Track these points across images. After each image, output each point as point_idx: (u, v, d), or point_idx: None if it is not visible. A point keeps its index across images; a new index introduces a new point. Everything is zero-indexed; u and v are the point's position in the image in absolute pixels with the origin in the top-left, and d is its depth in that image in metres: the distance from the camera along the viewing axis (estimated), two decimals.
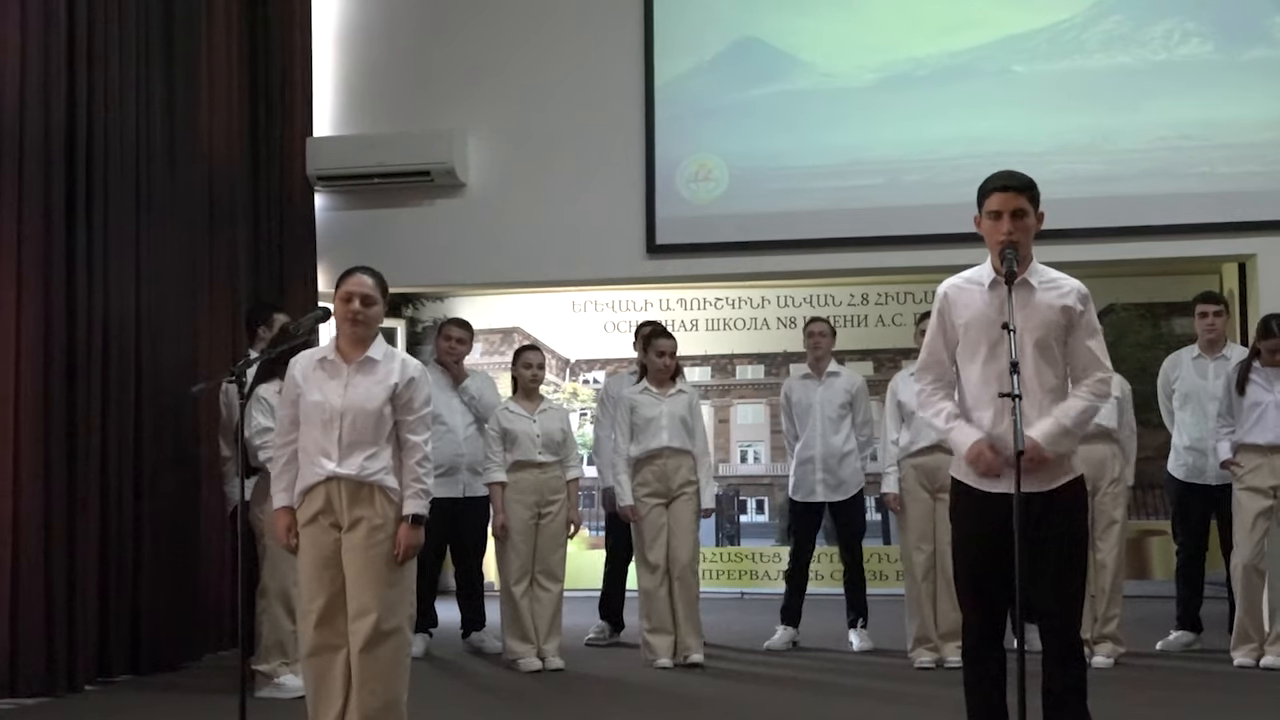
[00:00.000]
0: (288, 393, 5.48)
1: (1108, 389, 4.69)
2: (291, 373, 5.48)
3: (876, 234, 9.36)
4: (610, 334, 11.66)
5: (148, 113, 8.22)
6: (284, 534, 5.43)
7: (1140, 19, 9.39)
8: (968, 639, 4.73)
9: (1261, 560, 7.79)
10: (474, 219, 9.92)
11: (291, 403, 5.44)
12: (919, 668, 7.75)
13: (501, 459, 7.98)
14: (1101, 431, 7.66)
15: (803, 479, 8.70)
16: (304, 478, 5.37)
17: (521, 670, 7.84)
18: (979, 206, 4.72)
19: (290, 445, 5.43)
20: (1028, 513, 4.34)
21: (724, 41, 9.78)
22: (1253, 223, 8.89)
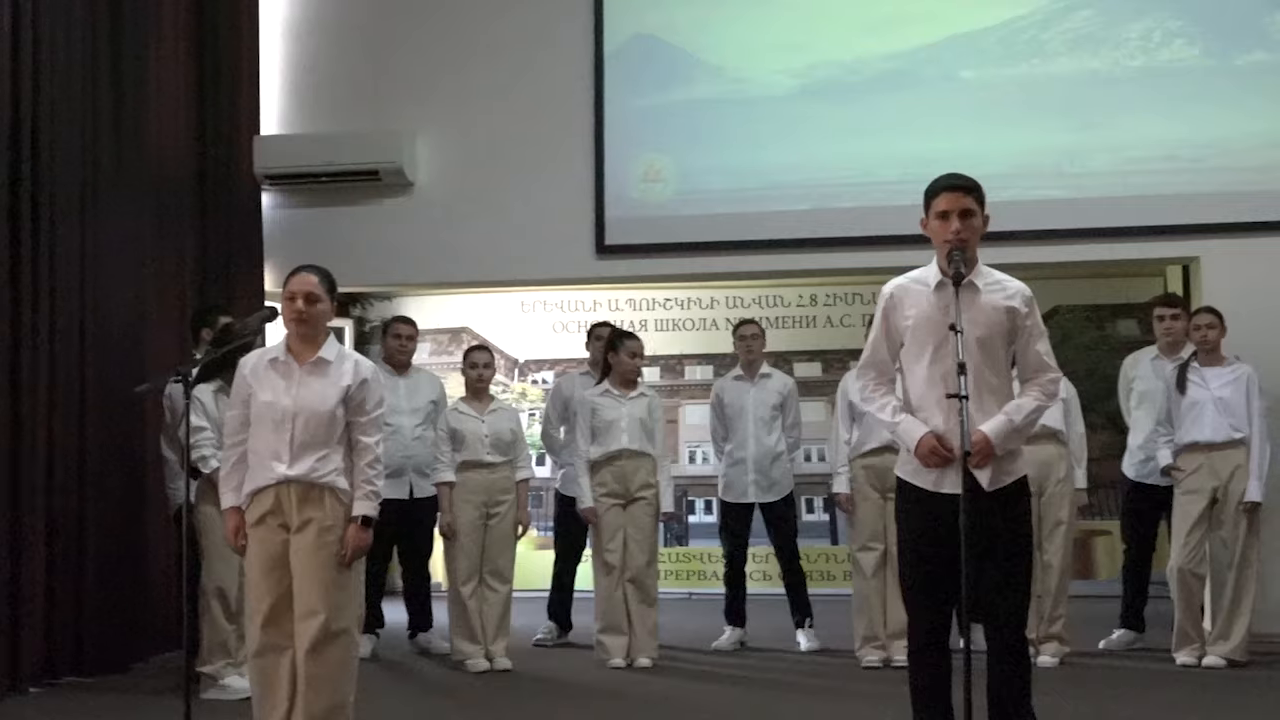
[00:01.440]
0: (238, 392, 5.45)
1: (1057, 389, 4.74)
2: (242, 372, 5.46)
3: (825, 235, 9.39)
4: (560, 334, 11.66)
5: (94, 111, 8.17)
6: (233, 535, 5.41)
7: (1113, 17, 9.32)
8: (914, 638, 4.76)
9: (1199, 564, 7.86)
10: (423, 219, 9.90)
11: (242, 403, 5.41)
12: (866, 667, 7.78)
13: (450, 459, 7.97)
14: (1048, 433, 7.73)
15: (734, 480, 8.71)
16: (254, 479, 5.34)
17: (469, 671, 7.82)
18: (926, 207, 4.75)
19: (240, 445, 5.41)
20: (973, 513, 4.37)
21: (621, 39, 9.78)
22: (1197, 225, 8.98)
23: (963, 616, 4.43)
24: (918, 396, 4.70)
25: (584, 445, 8.11)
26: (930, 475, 4.65)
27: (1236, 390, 7.85)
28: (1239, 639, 7.81)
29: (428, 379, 8.89)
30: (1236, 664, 7.75)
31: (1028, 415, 4.61)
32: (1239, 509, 7.79)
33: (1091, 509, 9.32)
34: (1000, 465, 4.62)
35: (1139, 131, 9.10)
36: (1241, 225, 8.91)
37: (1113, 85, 9.17)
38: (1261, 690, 7.22)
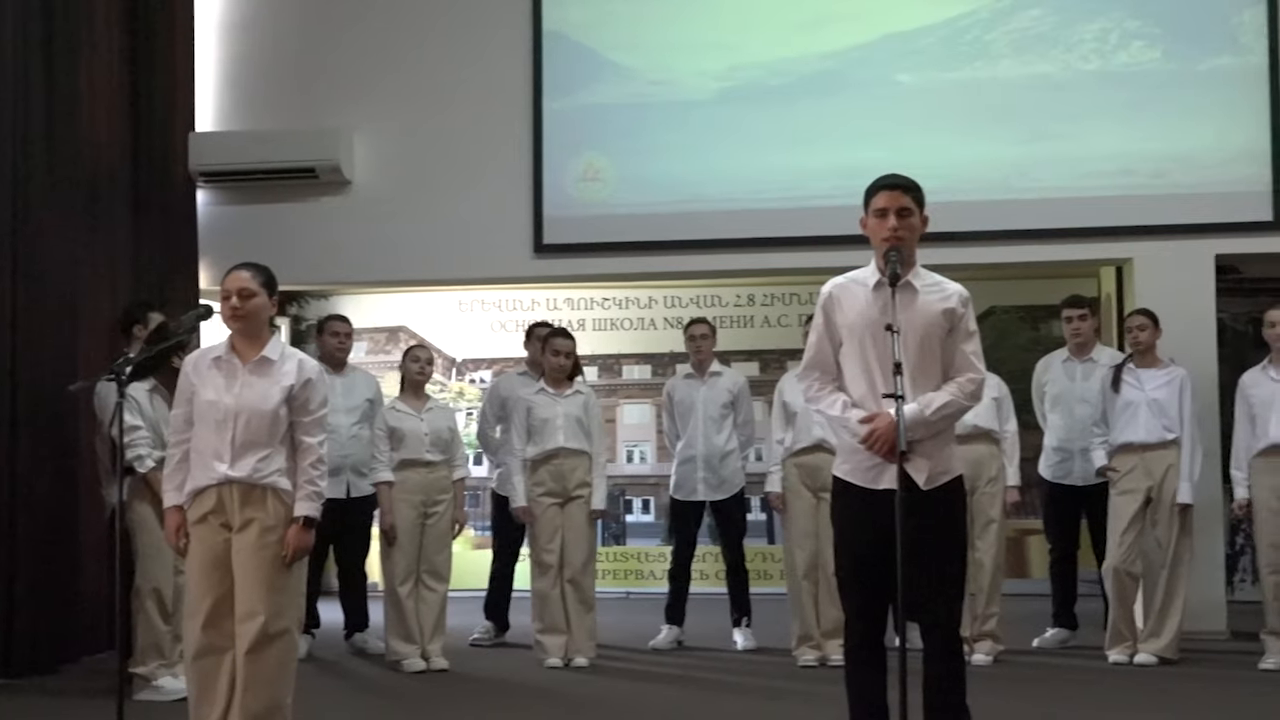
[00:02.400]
0: (182, 391, 5.42)
1: (976, 390, 4.73)
2: (185, 370, 5.42)
3: (763, 235, 9.41)
4: (497, 333, 11.63)
5: (26, 108, 8.08)
6: (173, 534, 5.37)
7: (1066, 16, 9.31)
8: (850, 637, 4.77)
9: (1134, 564, 7.94)
10: (360, 217, 9.84)
11: (186, 401, 5.38)
12: (802, 666, 7.81)
13: (388, 458, 7.94)
14: (980, 432, 7.80)
15: (684, 478, 8.73)
16: (195, 479, 5.31)
17: (406, 671, 7.80)
18: (865, 206, 4.77)
19: (183, 444, 5.37)
20: (909, 511, 4.39)
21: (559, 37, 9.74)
22: (1130, 227, 9.06)
23: (898, 615, 4.45)
24: (856, 396, 4.71)
25: (519, 444, 8.09)
26: (867, 473, 4.66)
27: (1170, 392, 7.95)
28: (1170, 637, 7.90)
29: (364, 378, 8.86)
30: (1168, 661, 7.85)
31: (937, 409, 4.61)
32: (1172, 509, 7.88)
33: (1025, 507, 9.39)
34: (936, 464, 4.64)
35: (1083, 139, 9.14)
36: (1173, 227, 8.99)
37: (1061, 91, 9.22)
38: (1191, 687, 7.32)
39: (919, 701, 4.54)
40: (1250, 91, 9.00)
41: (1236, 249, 9.14)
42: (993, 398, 7.84)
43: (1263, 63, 8.98)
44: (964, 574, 4.84)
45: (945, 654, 4.64)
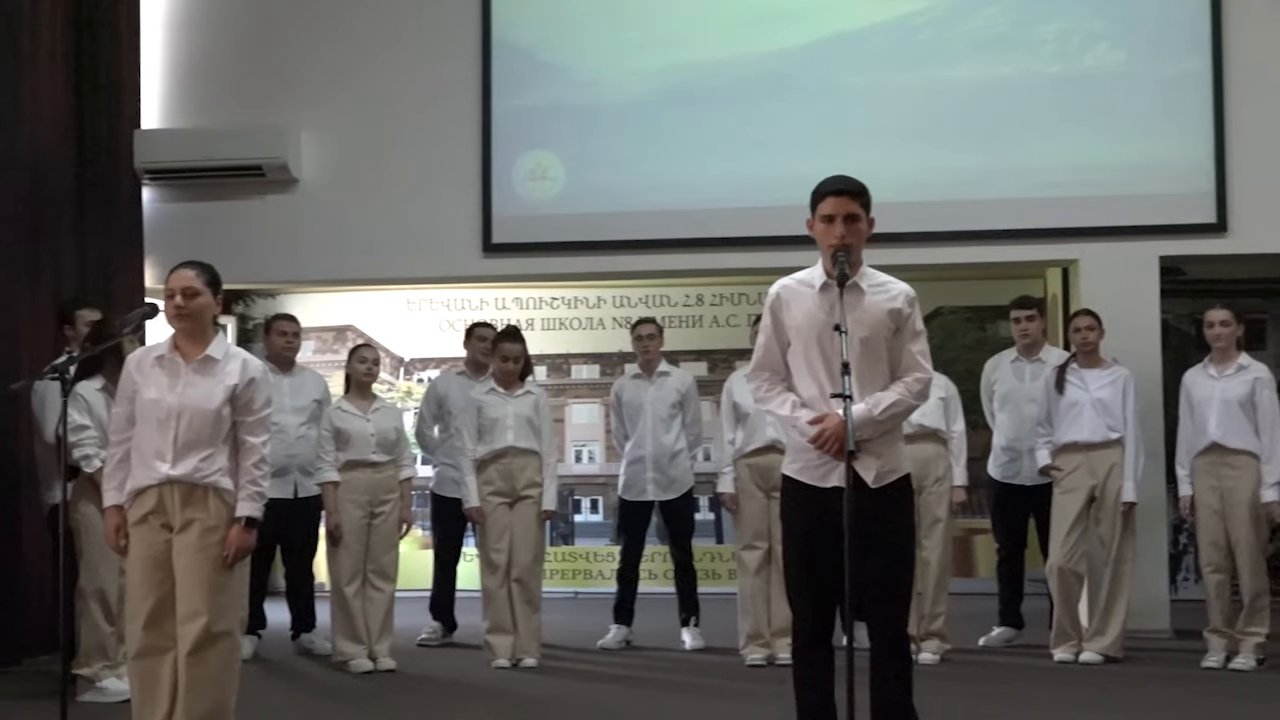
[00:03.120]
0: (124, 389, 5.38)
1: (923, 389, 4.75)
2: (128, 369, 5.39)
3: (712, 235, 9.43)
4: (446, 332, 11.59)
5: None
6: (113, 534, 5.33)
7: (1016, 20, 9.33)
8: (797, 636, 4.78)
9: (1078, 562, 8.01)
10: (308, 215, 9.80)
11: (127, 400, 5.34)
12: (750, 665, 7.83)
13: (333, 458, 7.91)
14: (927, 431, 7.84)
15: (633, 478, 8.73)
16: (136, 478, 5.27)
17: (353, 671, 7.76)
18: (812, 209, 4.78)
19: (124, 443, 5.33)
20: (857, 510, 4.40)
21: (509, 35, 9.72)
22: (1075, 229, 9.12)
23: (846, 614, 4.46)
24: (805, 396, 4.72)
25: (470, 444, 8.07)
26: (816, 472, 4.68)
27: (1114, 392, 8.02)
28: (1115, 635, 7.97)
29: (312, 378, 8.82)
30: (1112, 660, 7.91)
31: (885, 408, 4.63)
32: (1116, 507, 7.95)
33: (972, 507, 9.44)
34: (884, 463, 4.66)
35: (1029, 143, 9.20)
36: (1118, 229, 9.07)
37: (1007, 95, 9.25)
38: (1135, 685, 7.38)
39: (866, 700, 4.55)
40: (1194, 96, 9.07)
41: (1180, 251, 9.22)
42: (940, 398, 7.89)
43: (1207, 68, 9.06)
44: (911, 573, 4.87)
45: (892, 653, 4.66)
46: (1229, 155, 9.01)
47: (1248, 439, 7.72)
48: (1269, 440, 7.69)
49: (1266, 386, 7.78)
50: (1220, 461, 7.75)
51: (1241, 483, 7.70)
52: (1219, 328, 7.82)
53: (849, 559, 4.35)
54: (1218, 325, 7.82)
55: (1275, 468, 7.66)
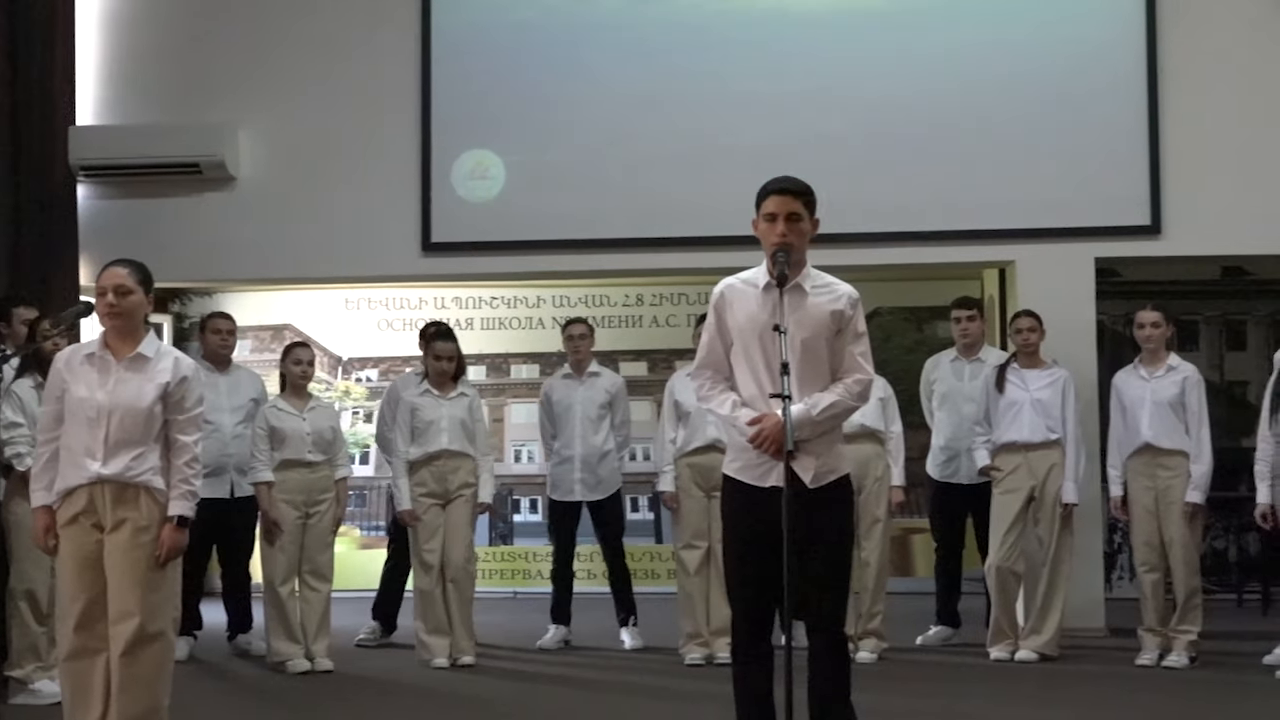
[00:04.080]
0: (52, 388, 5.33)
1: (864, 391, 4.76)
2: (57, 367, 5.34)
3: (652, 235, 9.43)
4: (384, 332, 11.54)
5: None
6: (42, 535, 5.28)
7: (951, 23, 9.34)
8: (736, 635, 4.79)
9: (1017, 562, 8.06)
10: (245, 214, 9.72)
11: (56, 399, 5.29)
12: (689, 664, 7.83)
13: (268, 458, 7.86)
14: (866, 431, 7.88)
15: (561, 478, 8.71)
16: (66, 477, 5.22)
17: (289, 672, 7.72)
18: (756, 209, 4.78)
19: (52, 443, 5.28)
20: (796, 510, 4.41)
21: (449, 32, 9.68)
22: (1013, 230, 9.19)
23: (785, 613, 4.47)
24: (746, 396, 4.73)
25: (403, 446, 8.05)
26: (755, 471, 4.68)
27: (1054, 392, 8.08)
28: (1051, 634, 8.03)
29: (249, 376, 8.76)
30: (1048, 658, 7.97)
31: (824, 409, 4.64)
32: (1054, 507, 8.01)
33: (910, 507, 9.49)
34: (823, 463, 4.67)
35: (967, 144, 9.25)
36: (1054, 230, 9.14)
37: (946, 97, 9.29)
38: (1070, 683, 7.44)
39: (804, 699, 4.57)
40: (1129, 101, 9.16)
41: (1115, 252, 9.32)
42: (879, 398, 7.92)
43: (1141, 73, 9.15)
44: (849, 572, 4.88)
45: (830, 652, 4.67)
46: (1163, 159, 9.10)
47: (1180, 439, 7.80)
48: (1196, 441, 7.78)
49: (1195, 387, 7.86)
50: (1153, 462, 7.83)
51: (1175, 483, 7.77)
52: (1150, 329, 7.90)
53: (788, 558, 4.37)
54: (1148, 327, 7.90)
55: (1201, 468, 7.75)
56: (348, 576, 9.45)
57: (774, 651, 4.70)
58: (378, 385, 11.35)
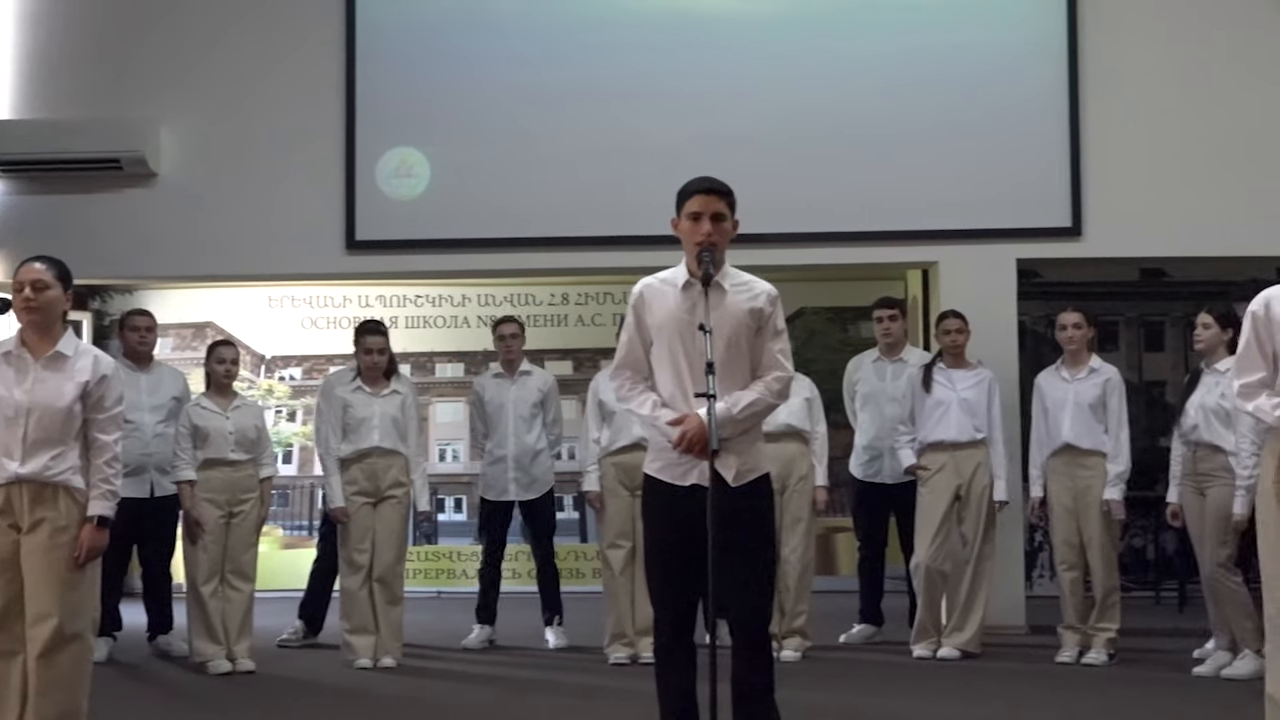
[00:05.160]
0: None
1: (783, 388, 4.78)
2: None
3: (578, 234, 9.43)
4: (308, 330, 11.47)
5: None
6: None
7: (875, 24, 9.37)
8: (660, 634, 4.79)
9: (944, 561, 8.12)
10: (167, 210, 9.62)
11: None
12: (614, 663, 7.83)
13: (191, 456, 7.78)
14: (790, 431, 7.91)
15: (495, 478, 8.70)
16: None
17: (211, 673, 7.65)
18: (678, 208, 4.79)
19: None
20: (719, 508, 4.42)
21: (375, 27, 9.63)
22: (936, 231, 9.26)
23: (709, 612, 4.48)
24: (666, 395, 4.74)
25: (334, 443, 8.00)
26: (677, 470, 4.69)
27: (980, 392, 8.16)
28: (973, 631, 8.10)
29: (170, 374, 8.67)
30: (970, 655, 8.04)
31: (744, 407, 4.65)
32: (980, 506, 8.08)
33: (834, 506, 9.54)
34: (744, 461, 4.69)
35: (890, 145, 9.30)
36: (976, 232, 9.22)
37: (868, 98, 9.34)
38: (992, 680, 7.51)
39: (728, 697, 4.58)
40: (1050, 104, 9.26)
41: (1036, 253, 9.42)
42: (804, 398, 7.97)
43: (1062, 77, 9.26)
44: (773, 571, 4.91)
45: (754, 650, 4.68)
46: (1083, 162, 9.21)
47: (1099, 440, 7.89)
48: (1115, 441, 7.88)
49: (1116, 389, 7.96)
50: (1073, 462, 7.92)
51: (1094, 482, 7.86)
52: (1071, 330, 7.99)
53: (711, 557, 4.38)
54: (1070, 328, 7.99)
55: (1119, 467, 7.85)
56: (270, 576, 9.38)
57: (697, 650, 4.71)
58: (301, 384, 11.29)
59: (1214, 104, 9.25)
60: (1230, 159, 9.15)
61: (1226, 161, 9.15)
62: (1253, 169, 9.07)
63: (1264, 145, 9.11)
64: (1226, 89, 9.26)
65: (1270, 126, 9.18)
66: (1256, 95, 9.24)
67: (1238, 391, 4.95)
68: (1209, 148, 9.21)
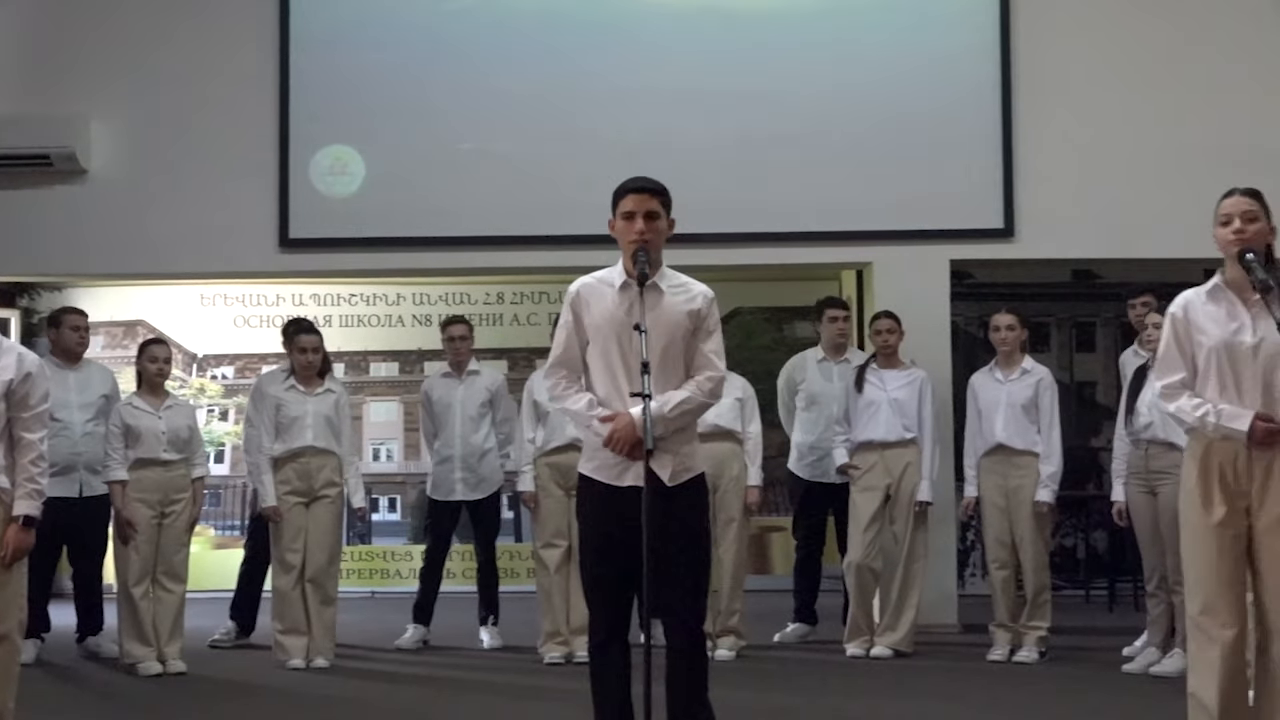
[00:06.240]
0: None
1: (715, 388, 4.78)
2: None
3: (513, 233, 9.41)
4: (241, 329, 11.39)
5: None
6: None
7: (821, 26, 9.41)
8: (594, 634, 4.79)
9: (875, 559, 8.17)
10: (98, 207, 9.52)
11: None
12: (549, 663, 7.83)
13: (122, 456, 7.71)
14: (722, 431, 7.92)
15: (442, 478, 8.67)
16: None
17: (141, 674, 7.58)
18: (613, 208, 4.79)
19: None
20: (653, 508, 4.43)
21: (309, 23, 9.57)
22: (870, 232, 9.32)
23: (644, 611, 4.48)
24: (601, 395, 4.74)
25: (267, 442, 7.95)
26: (611, 470, 4.69)
27: (910, 392, 8.21)
28: (906, 630, 8.15)
29: (99, 372, 8.59)
30: (902, 654, 8.09)
31: (676, 405, 4.65)
32: (910, 505, 8.13)
33: (768, 505, 9.57)
34: (679, 461, 4.69)
35: (825, 146, 9.35)
36: (910, 233, 9.28)
37: (803, 99, 9.39)
38: (924, 678, 7.56)
39: (663, 696, 4.58)
40: (984, 106, 9.34)
41: (969, 255, 9.50)
42: (736, 398, 7.99)
43: (996, 79, 9.33)
44: (707, 570, 4.91)
45: (689, 649, 4.69)
46: (1016, 164, 9.30)
47: (1031, 440, 7.96)
48: (1047, 441, 7.95)
49: (1049, 390, 8.03)
50: (1005, 461, 7.98)
51: (1025, 482, 7.93)
52: (1005, 332, 8.05)
53: (646, 557, 4.38)
54: (1003, 329, 8.05)
55: (1051, 468, 7.92)
56: (202, 577, 9.31)
57: (632, 650, 4.71)
58: (234, 383, 11.21)
59: (1144, 108, 9.36)
60: (1160, 162, 9.25)
61: (1156, 164, 9.25)
62: (1182, 172, 9.16)
63: (1192, 149, 9.20)
64: (1156, 93, 9.37)
65: (1199, 130, 9.28)
66: (1185, 100, 9.35)
67: (1160, 392, 5.04)
68: (1139, 151, 9.32)
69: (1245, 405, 4.77)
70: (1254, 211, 4.91)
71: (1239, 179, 5.17)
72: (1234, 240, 4.89)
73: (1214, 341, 4.86)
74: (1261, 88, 9.38)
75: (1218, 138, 9.19)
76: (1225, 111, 9.32)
